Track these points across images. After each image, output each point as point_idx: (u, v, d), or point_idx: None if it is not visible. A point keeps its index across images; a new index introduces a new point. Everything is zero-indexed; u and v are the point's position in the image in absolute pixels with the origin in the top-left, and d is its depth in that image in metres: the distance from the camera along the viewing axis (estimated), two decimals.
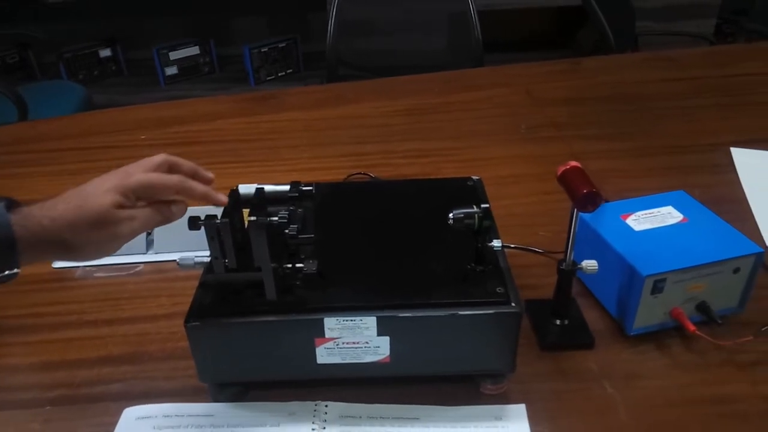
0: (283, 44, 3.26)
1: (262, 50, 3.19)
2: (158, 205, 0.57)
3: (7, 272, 0.51)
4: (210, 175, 0.62)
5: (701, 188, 0.84)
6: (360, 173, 1.02)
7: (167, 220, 0.58)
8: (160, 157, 0.59)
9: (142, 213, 0.56)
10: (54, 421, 0.62)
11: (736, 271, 0.67)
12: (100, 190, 0.54)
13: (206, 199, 0.59)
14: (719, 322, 0.66)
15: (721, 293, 0.68)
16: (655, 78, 1.42)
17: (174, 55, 3.24)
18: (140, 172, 0.57)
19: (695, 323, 0.67)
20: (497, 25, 2.11)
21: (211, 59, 3.34)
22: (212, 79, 3.31)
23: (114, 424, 0.61)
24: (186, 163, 0.60)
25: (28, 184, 1.08)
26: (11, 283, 0.54)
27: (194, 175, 0.60)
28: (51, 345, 0.72)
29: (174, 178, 0.57)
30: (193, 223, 0.56)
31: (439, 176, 1.01)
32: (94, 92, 2.25)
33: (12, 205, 0.52)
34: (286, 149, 1.17)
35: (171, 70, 3.26)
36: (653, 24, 2.33)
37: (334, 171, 1.04)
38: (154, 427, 0.60)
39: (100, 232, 0.53)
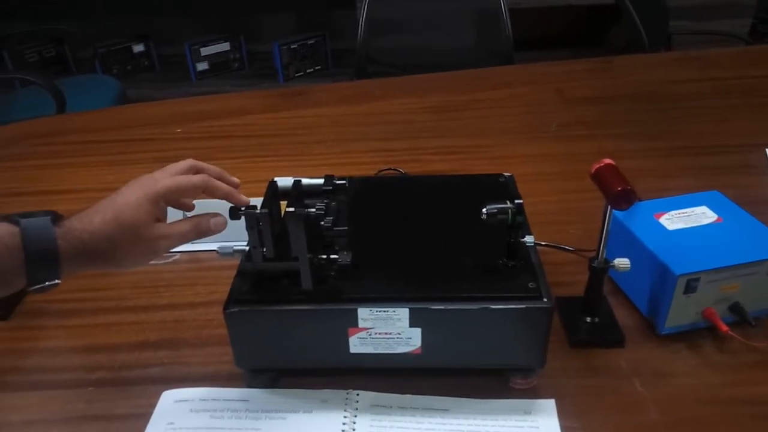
0: (312, 41, 3.28)
1: (291, 47, 3.23)
2: (197, 219, 0.59)
3: (47, 283, 0.52)
4: (236, 180, 0.63)
5: (735, 189, 0.83)
6: (390, 168, 1.03)
7: (204, 234, 0.59)
8: (186, 163, 0.61)
9: (178, 230, 0.58)
10: (96, 401, 0.65)
11: None
12: (132, 200, 0.56)
13: (229, 199, 0.61)
14: (753, 323, 0.66)
15: (756, 294, 0.67)
16: (688, 78, 1.40)
17: (205, 51, 3.29)
18: (167, 177, 0.58)
19: (728, 324, 0.66)
20: (527, 22, 2.10)
21: (241, 55, 3.39)
22: (242, 75, 3.36)
23: (153, 406, 0.63)
24: (212, 168, 0.62)
25: (67, 174, 1.11)
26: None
27: (220, 178, 0.62)
28: (92, 329, 0.74)
29: (198, 177, 0.60)
30: (234, 212, 0.57)
31: (467, 172, 1.02)
32: (126, 87, 2.30)
33: (56, 219, 0.54)
34: (316, 144, 1.19)
35: (202, 66, 3.31)
36: (687, 23, 2.30)
37: (363, 166, 1.06)
38: (192, 410, 0.62)
39: (137, 246, 0.55)
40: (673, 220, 0.71)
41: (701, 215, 0.72)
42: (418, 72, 1.48)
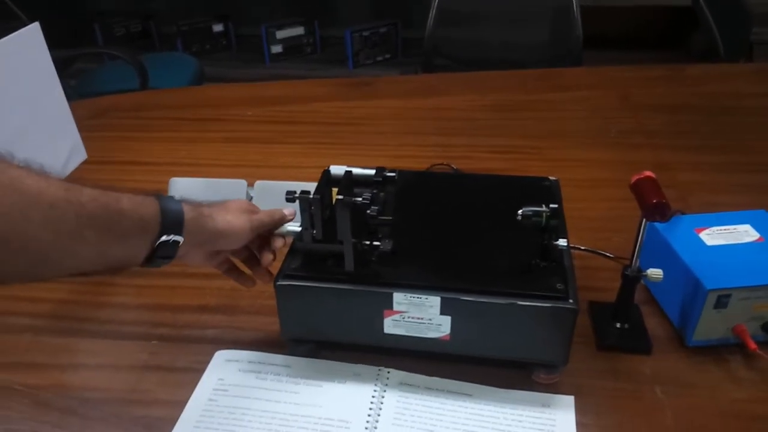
0: (384, 29, 3.33)
1: (363, 34, 3.28)
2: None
3: (173, 237, 0.56)
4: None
5: None
6: (443, 164, 1.07)
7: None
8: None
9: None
10: (158, 354, 0.73)
11: None
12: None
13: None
14: None
15: None
16: (763, 92, 1.36)
17: (280, 35, 3.40)
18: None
19: (759, 343, 0.67)
20: (603, 20, 2.07)
21: (314, 40, 3.47)
22: (313, 60, 3.45)
23: (207, 362, 0.71)
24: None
25: (146, 147, 1.21)
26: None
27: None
28: (158, 290, 0.83)
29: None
30: (291, 196, 0.63)
31: (519, 173, 1.05)
32: (204, 65, 2.42)
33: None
34: (375, 135, 1.24)
35: (276, 49, 3.42)
36: None
37: (418, 159, 1.10)
38: (239, 370, 0.69)
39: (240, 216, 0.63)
40: (714, 235, 0.72)
41: (743, 233, 0.72)
42: (484, 67, 1.50)
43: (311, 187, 0.80)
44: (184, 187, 0.97)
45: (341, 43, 3.30)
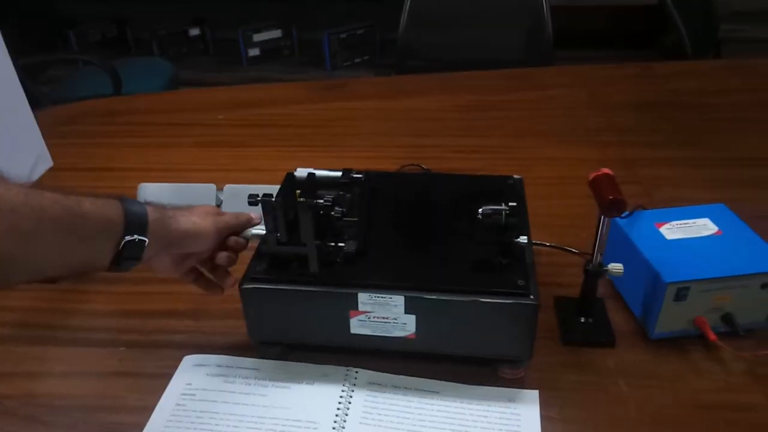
0: (362, 31, 3.34)
1: (341, 36, 3.29)
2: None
3: (137, 237, 0.55)
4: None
5: (754, 202, 0.84)
6: (413, 165, 1.08)
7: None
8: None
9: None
10: (127, 360, 0.73)
11: (765, 286, 0.68)
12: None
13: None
14: (741, 333, 0.68)
15: (748, 306, 0.69)
16: (729, 88, 1.39)
17: (257, 38, 3.39)
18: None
19: (720, 334, 0.69)
20: (574, 19, 2.09)
21: (292, 43, 3.47)
22: (291, 62, 3.45)
23: (175, 367, 0.71)
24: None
25: (118, 153, 1.21)
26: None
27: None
28: (128, 296, 0.83)
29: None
30: (252, 199, 0.63)
31: (487, 172, 1.06)
32: (181, 69, 2.41)
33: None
34: (348, 137, 1.24)
35: (254, 52, 3.41)
36: (740, 28, 2.23)
37: (389, 160, 1.10)
38: (208, 374, 0.69)
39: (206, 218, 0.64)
40: (674, 230, 0.74)
41: (702, 227, 0.74)
42: (456, 68, 1.51)
43: (274, 191, 0.80)
44: (153, 193, 0.97)
45: (319, 45, 3.30)
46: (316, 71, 3.27)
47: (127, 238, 0.55)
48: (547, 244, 0.85)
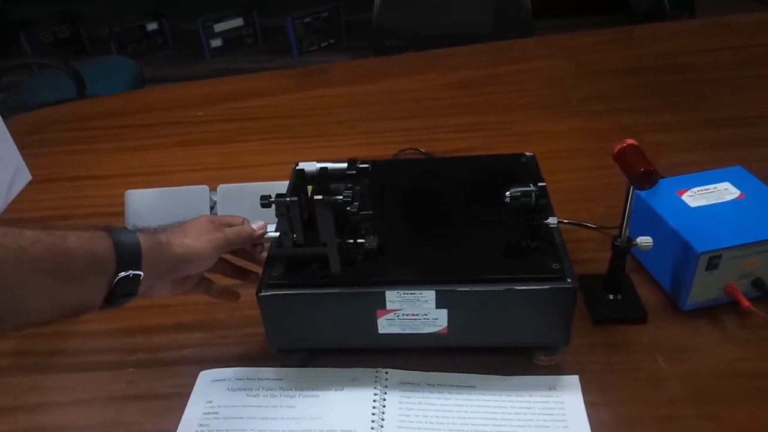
0: (326, 14, 3.26)
1: (305, 20, 3.21)
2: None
3: (131, 272, 0.51)
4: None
5: (758, 162, 0.83)
6: (411, 149, 1.04)
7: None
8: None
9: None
10: (137, 382, 0.68)
11: None
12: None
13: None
14: None
15: None
16: (710, 47, 1.38)
17: (218, 27, 3.29)
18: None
19: (750, 299, 0.67)
20: None
21: (255, 31, 3.38)
22: (256, 51, 3.36)
23: (191, 385, 0.66)
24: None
25: (94, 160, 1.14)
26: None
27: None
28: (128, 312, 0.75)
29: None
30: (265, 201, 0.59)
31: (488, 151, 1.02)
32: (142, 65, 2.30)
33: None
34: (336, 125, 1.20)
35: (216, 42, 3.31)
36: None
37: (384, 146, 1.07)
38: (228, 389, 0.65)
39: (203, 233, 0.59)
40: (696, 197, 0.72)
41: (724, 191, 0.72)
42: (435, 45, 1.47)
43: (279, 186, 0.75)
44: (141, 200, 0.91)
45: (283, 31, 3.22)
46: (282, 58, 3.19)
47: (121, 274, 0.50)
48: (565, 221, 0.83)
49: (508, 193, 0.60)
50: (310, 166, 0.71)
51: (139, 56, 3.10)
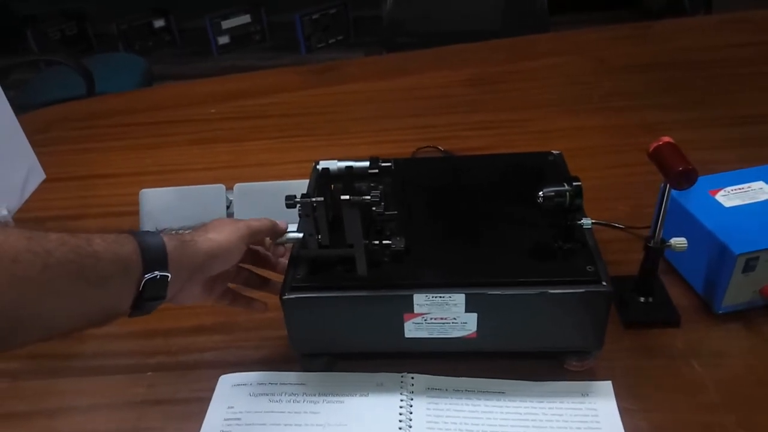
0: (334, 10, 3.24)
1: (313, 17, 3.19)
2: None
3: (158, 274, 0.50)
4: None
5: None
6: (429, 146, 1.02)
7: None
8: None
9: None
10: (156, 386, 0.66)
11: None
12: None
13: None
14: None
15: None
16: (733, 42, 1.35)
17: (226, 24, 3.27)
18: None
19: None
20: None
21: (263, 27, 3.36)
22: (263, 48, 3.34)
23: (211, 390, 0.65)
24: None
25: (105, 158, 1.12)
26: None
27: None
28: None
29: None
30: (290, 201, 0.57)
31: (508, 149, 1.00)
32: (149, 63, 2.29)
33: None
34: (352, 122, 1.18)
35: (223, 39, 3.30)
36: None
37: (401, 144, 1.05)
38: (250, 394, 0.63)
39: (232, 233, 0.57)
40: (730, 196, 0.70)
41: (759, 191, 0.70)
42: (447, 41, 1.44)
43: (297, 185, 0.74)
44: (156, 199, 0.90)
45: (290, 28, 3.20)
46: (290, 55, 3.17)
47: (147, 276, 0.49)
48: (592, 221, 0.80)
49: (541, 193, 0.58)
50: (332, 165, 0.69)
51: (147, 53, 3.09)
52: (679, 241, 0.64)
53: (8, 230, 0.42)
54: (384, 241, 0.60)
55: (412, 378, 0.63)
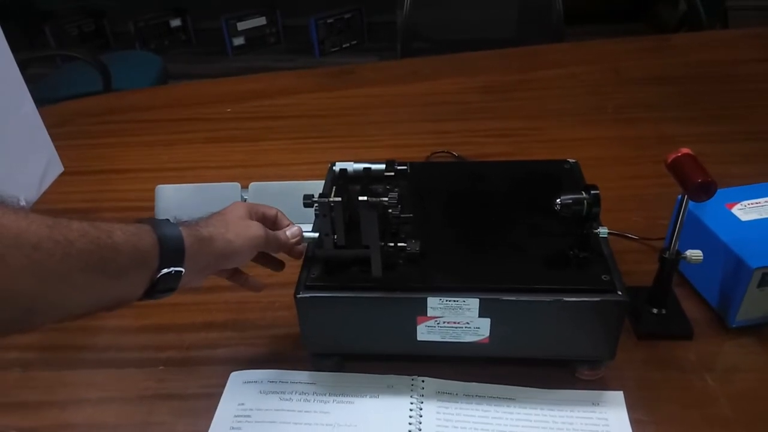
0: (349, 15, 3.26)
1: (328, 21, 3.20)
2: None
3: (173, 269, 0.50)
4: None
5: None
6: (443, 151, 1.02)
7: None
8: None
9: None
10: (167, 380, 0.67)
11: None
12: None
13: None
14: None
15: None
16: (750, 57, 1.35)
17: (241, 26, 3.29)
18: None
19: None
20: None
21: (277, 30, 3.38)
22: (278, 50, 3.36)
23: (222, 386, 0.65)
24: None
25: (122, 154, 1.13)
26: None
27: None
28: (159, 309, 0.75)
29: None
30: (308, 201, 0.57)
31: (522, 156, 1.01)
32: (164, 61, 2.30)
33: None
34: (367, 125, 1.18)
35: (238, 41, 3.31)
36: None
37: (415, 148, 1.05)
38: (260, 392, 0.64)
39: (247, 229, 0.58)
40: (747, 210, 0.69)
41: None
42: (466, 48, 1.45)
43: (312, 185, 0.74)
44: (171, 195, 0.90)
45: (305, 31, 3.21)
46: (304, 58, 3.19)
47: (164, 271, 0.49)
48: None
49: (558, 200, 0.58)
50: (348, 167, 0.70)
51: (162, 52, 3.10)
52: (694, 254, 0.64)
53: (31, 217, 0.42)
54: (399, 244, 0.60)
55: (423, 381, 0.63)
